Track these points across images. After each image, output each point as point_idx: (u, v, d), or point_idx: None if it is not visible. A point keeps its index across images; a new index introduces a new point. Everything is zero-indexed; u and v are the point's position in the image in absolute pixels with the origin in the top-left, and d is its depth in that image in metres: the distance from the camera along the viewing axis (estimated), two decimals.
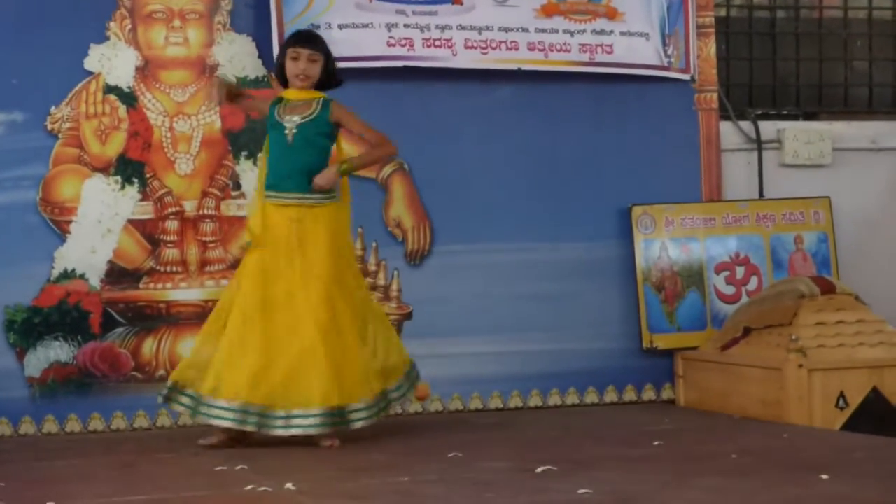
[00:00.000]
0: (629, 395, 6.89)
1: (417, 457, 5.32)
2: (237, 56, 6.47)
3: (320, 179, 5.64)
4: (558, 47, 6.86)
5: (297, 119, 5.70)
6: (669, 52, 7.03)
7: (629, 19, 6.98)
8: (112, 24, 6.38)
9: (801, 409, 6.04)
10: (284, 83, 5.83)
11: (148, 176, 6.38)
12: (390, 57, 6.63)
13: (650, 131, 7.03)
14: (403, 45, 6.65)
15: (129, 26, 6.40)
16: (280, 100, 5.79)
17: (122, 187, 6.34)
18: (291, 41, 5.83)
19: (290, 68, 5.71)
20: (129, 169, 6.36)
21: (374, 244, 6.63)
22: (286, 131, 5.69)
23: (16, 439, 6.12)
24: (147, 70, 6.42)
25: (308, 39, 5.83)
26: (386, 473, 4.90)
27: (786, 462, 5.02)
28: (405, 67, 6.63)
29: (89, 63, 6.35)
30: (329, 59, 5.80)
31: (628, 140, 6.99)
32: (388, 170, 6.65)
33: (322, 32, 6.36)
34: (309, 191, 5.66)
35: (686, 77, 7.07)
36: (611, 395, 6.86)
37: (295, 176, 5.67)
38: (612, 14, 6.96)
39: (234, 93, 5.89)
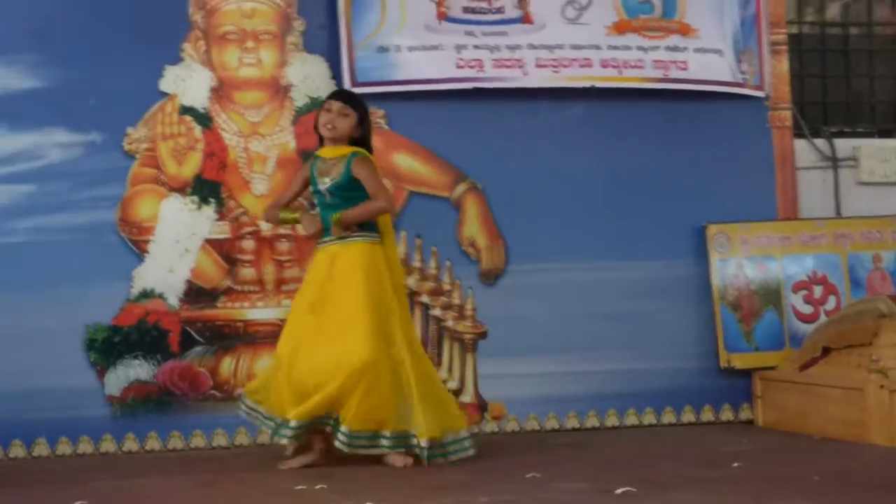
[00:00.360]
0: (707, 415, 6.82)
1: (494, 476, 5.29)
2: (310, 76, 6.50)
3: (309, 228, 5.79)
4: (632, 64, 6.83)
5: (327, 182, 5.76)
6: (743, 68, 6.98)
7: (703, 36, 6.94)
8: (186, 46, 6.45)
9: (883, 430, 5.95)
10: (321, 139, 5.85)
11: (224, 196, 6.43)
12: (460, 79, 6.63)
13: (724, 149, 6.97)
14: (473, 67, 6.65)
15: (204, 47, 6.46)
16: (316, 158, 5.82)
17: (199, 207, 6.40)
18: (328, 95, 5.93)
19: (321, 118, 5.78)
20: (205, 189, 6.41)
21: (447, 263, 6.63)
22: (322, 192, 5.78)
23: (97, 457, 6.16)
24: (221, 91, 6.47)
25: (342, 94, 5.93)
26: (463, 493, 4.88)
27: (868, 483, 4.95)
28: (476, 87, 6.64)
29: (164, 84, 6.41)
30: (365, 121, 5.83)
31: (702, 158, 6.94)
32: (461, 189, 6.65)
33: (391, 54, 6.49)
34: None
35: (761, 94, 7.01)
36: (688, 415, 6.80)
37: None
38: (685, 30, 6.92)
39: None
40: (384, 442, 5.59)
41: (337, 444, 5.56)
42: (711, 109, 6.94)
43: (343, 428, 5.53)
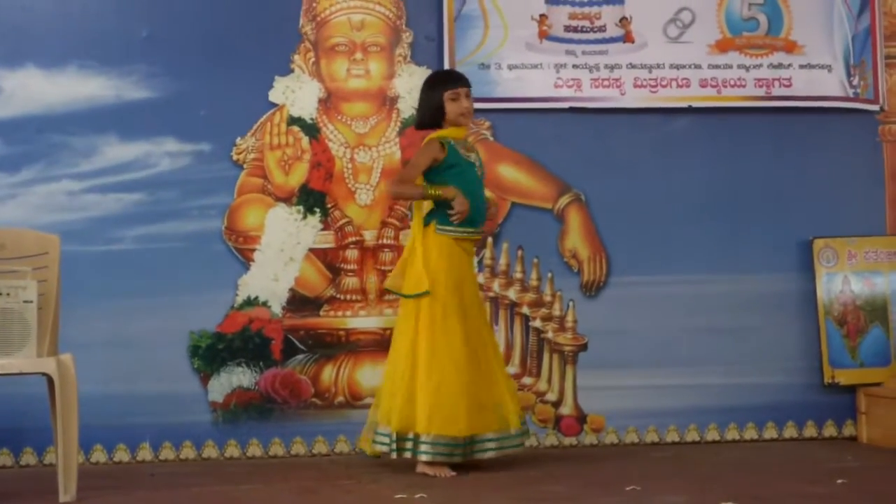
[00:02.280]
0: (809, 430, 6.71)
1: (595, 489, 5.25)
2: (417, 88, 6.44)
3: (463, 205, 5.72)
4: (732, 83, 6.77)
5: (475, 157, 5.88)
6: (854, 82, 6.86)
7: (809, 52, 6.85)
8: (296, 57, 6.48)
9: None
10: (434, 124, 5.87)
11: (329, 206, 6.46)
12: (557, 98, 6.64)
13: (832, 163, 6.87)
14: (571, 87, 6.65)
15: (313, 59, 6.49)
16: (446, 140, 5.82)
17: (305, 217, 6.42)
18: (447, 81, 5.92)
19: (454, 108, 5.82)
20: (311, 199, 6.44)
21: (549, 274, 6.60)
22: (477, 168, 5.85)
23: (199, 463, 6.22)
24: (329, 102, 6.50)
25: (463, 78, 5.94)
26: None
27: None
28: None
29: (274, 95, 6.45)
30: None
31: (809, 171, 6.84)
32: (564, 201, 6.63)
33: (492, 72, 6.53)
34: (482, 223, 5.90)
35: (875, 108, 6.88)
36: (790, 431, 6.70)
37: (484, 211, 5.89)
38: (790, 47, 6.84)
39: None
40: None
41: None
42: (820, 123, 6.84)
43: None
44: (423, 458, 5.60)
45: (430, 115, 5.88)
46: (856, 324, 6.74)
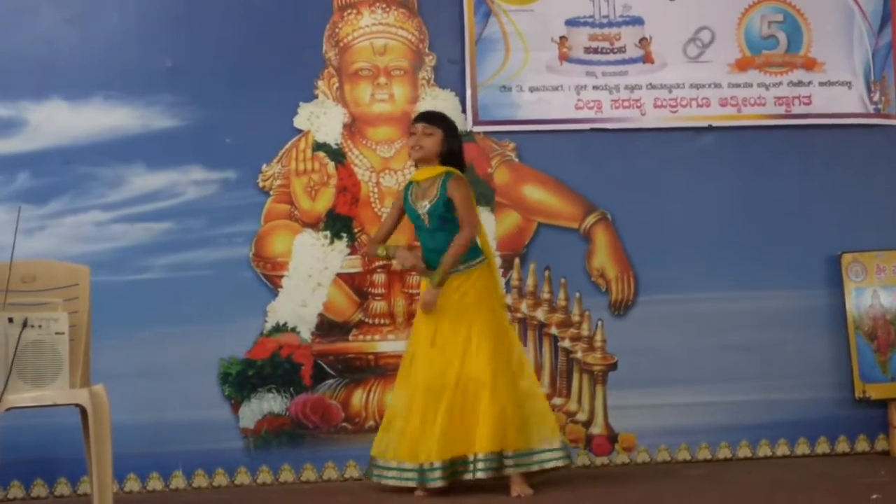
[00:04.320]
0: (842, 446, 6.66)
1: None
2: (440, 111, 6.46)
3: (425, 305, 5.83)
4: (752, 101, 6.75)
5: (426, 204, 5.87)
6: (875, 98, 6.82)
7: (829, 69, 6.82)
8: (320, 83, 6.48)
9: None
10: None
11: (356, 230, 6.44)
12: (578, 120, 6.63)
13: (856, 177, 6.83)
14: (591, 108, 6.64)
15: (337, 84, 6.49)
16: (410, 184, 5.94)
17: (332, 242, 6.41)
18: (413, 119, 6.04)
19: (408, 141, 5.95)
20: (337, 224, 6.43)
21: (577, 294, 6.57)
22: (422, 217, 5.88)
23: (232, 489, 6.20)
24: (354, 127, 6.50)
25: (424, 115, 6.02)
26: None
27: None
28: None
29: (299, 121, 6.45)
30: (451, 137, 5.94)
31: (834, 187, 6.80)
32: (590, 220, 6.60)
33: (513, 94, 6.54)
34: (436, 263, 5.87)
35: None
36: (822, 447, 6.65)
37: (438, 254, 5.84)
38: (810, 65, 6.81)
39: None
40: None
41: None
42: (845, 138, 6.80)
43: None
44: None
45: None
46: (886, 338, 6.69)
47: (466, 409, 5.69)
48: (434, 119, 5.95)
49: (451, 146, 5.91)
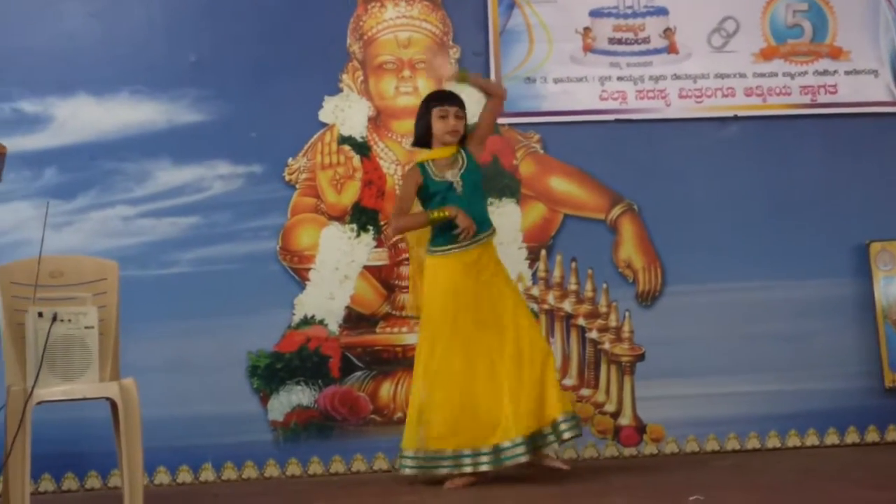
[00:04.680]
0: (872, 435, 6.62)
1: (657, 500, 5.23)
2: (465, 103, 6.43)
3: (465, 220, 5.75)
4: (777, 91, 6.73)
5: (457, 172, 5.84)
6: None
7: (855, 57, 6.80)
8: (345, 77, 6.49)
9: None
10: (424, 143, 5.92)
11: (382, 223, 6.44)
12: (602, 111, 6.62)
13: (883, 166, 6.80)
14: (616, 99, 6.63)
15: (361, 78, 6.49)
16: (422, 165, 5.86)
17: (358, 235, 6.42)
18: (437, 99, 5.93)
19: (441, 126, 5.85)
20: (363, 217, 6.44)
21: (604, 285, 6.56)
22: (455, 185, 5.81)
23: (261, 482, 6.21)
24: (379, 120, 6.50)
25: (453, 97, 5.94)
26: None
27: None
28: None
29: (324, 115, 6.46)
30: (465, 117, 5.96)
31: (861, 176, 6.78)
32: (617, 211, 6.59)
33: (538, 86, 6.54)
34: (485, 228, 5.85)
35: None
36: (852, 436, 6.62)
37: (474, 216, 5.79)
38: (836, 53, 6.79)
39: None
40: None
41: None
42: (872, 126, 6.78)
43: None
44: (406, 472, 5.72)
45: (420, 132, 5.93)
46: None
47: (538, 379, 5.68)
48: (462, 103, 5.92)
49: (466, 126, 5.97)
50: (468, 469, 5.65)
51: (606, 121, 6.61)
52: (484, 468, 5.64)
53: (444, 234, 5.78)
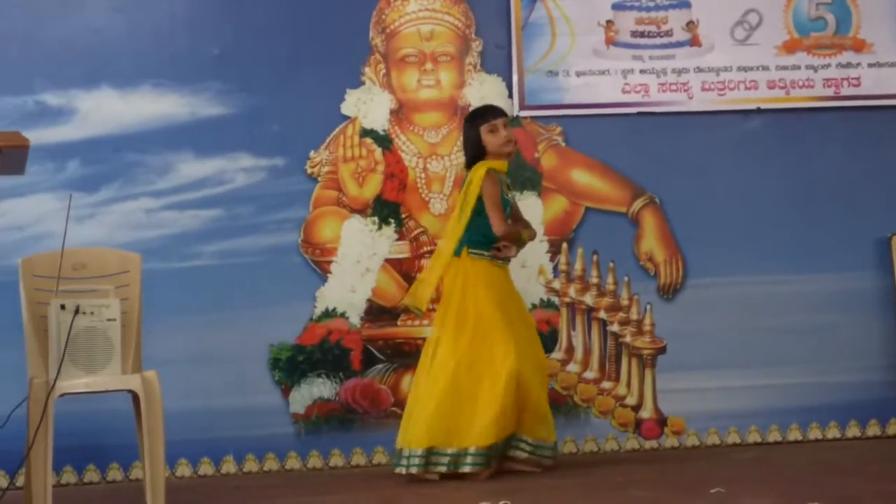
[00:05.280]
0: (893, 428, 6.61)
1: (678, 493, 5.21)
2: (488, 97, 6.46)
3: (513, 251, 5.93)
4: (800, 83, 6.70)
5: (514, 195, 6.08)
6: None
7: (878, 49, 6.77)
8: (367, 69, 6.47)
9: None
10: (475, 158, 5.87)
11: (403, 216, 6.44)
12: (625, 104, 6.60)
13: None
14: (638, 92, 6.61)
15: (383, 70, 6.48)
16: (495, 171, 5.85)
17: (380, 228, 6.42)
18: (482, 115, 5.93)
19: (494, 140, 5.84)
20: (385, 210, 6.43)
21: (625, 278, 6.55)
22: (511, 205, 5.95)
23: (283, 474, 6.21)
24: (401, 113, 6.49)
25: (496, 110, 5.96)
26: None
27: None
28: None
29: (346, 108, 6.45)
30: None
31: (883, 168, 6.75)
32: (638, 204, 6.58)
33: (559, 79, 6.54)
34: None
35: None
36: (873, 429, 6.61)
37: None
38: (859, 46, 6.76)
39: None
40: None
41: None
42: (892, 119, 6.74)
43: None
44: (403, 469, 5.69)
45: (471, 152, 5.90)
46: None
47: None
48: (505, 113, 5.96)
49: None
50: (466, 469, 5.64)
51: (629, 114, 6.58)
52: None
53: (485, 240, 5.81)
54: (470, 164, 5.91)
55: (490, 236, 5.79)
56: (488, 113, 5.93)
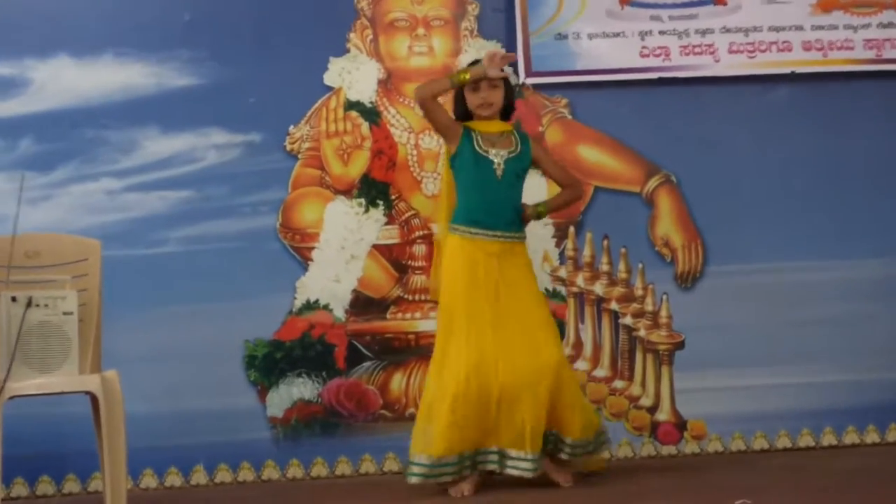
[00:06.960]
0: None
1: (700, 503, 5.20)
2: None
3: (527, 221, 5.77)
4: (839, 45, 6.64)
5: (504, 154, 5.74)
6: None
7: None
8: (352, 36, 6.45)
9: None
10: (462, 118, 5.79)
11: (393, 197, 6.41)
12: (644, 69, 6.55)
13: None
14: (658, 55, 6.56)
15: (371, 37, 6.46)
16: (467, 127, 5.75)
17: (367, 210, 6.38)
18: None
19: (472, 99, 5.75)
20: (373, 190, 6.39)
21: (640, 265, 6.51)
22: (494, 166, 5.71)
23: (259, 485, 6.18)
24: (390, 83, 6.46)
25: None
26: None
27: None
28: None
29: (329, 78, 6.42)
30: (509, 88, 5.83)
31: None
32: (653, 183, 6.55)
33: (570, 43, 6.47)
34: (516, 228, 5.72)
35: None
36: None
37: (505, 212, 5.70)
38: None
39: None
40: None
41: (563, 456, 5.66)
42: None
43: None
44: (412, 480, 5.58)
45: (455, 107, 5.83)
46: None
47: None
48: None
49: (510, 99, 5.83)
50: (468, 472, 5.55)
51: (648, 80, 6.52)
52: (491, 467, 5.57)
53: (464, 212, 5.66)
54: (455, 118, 5.86)
55: (469, 207, 5.66)
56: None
